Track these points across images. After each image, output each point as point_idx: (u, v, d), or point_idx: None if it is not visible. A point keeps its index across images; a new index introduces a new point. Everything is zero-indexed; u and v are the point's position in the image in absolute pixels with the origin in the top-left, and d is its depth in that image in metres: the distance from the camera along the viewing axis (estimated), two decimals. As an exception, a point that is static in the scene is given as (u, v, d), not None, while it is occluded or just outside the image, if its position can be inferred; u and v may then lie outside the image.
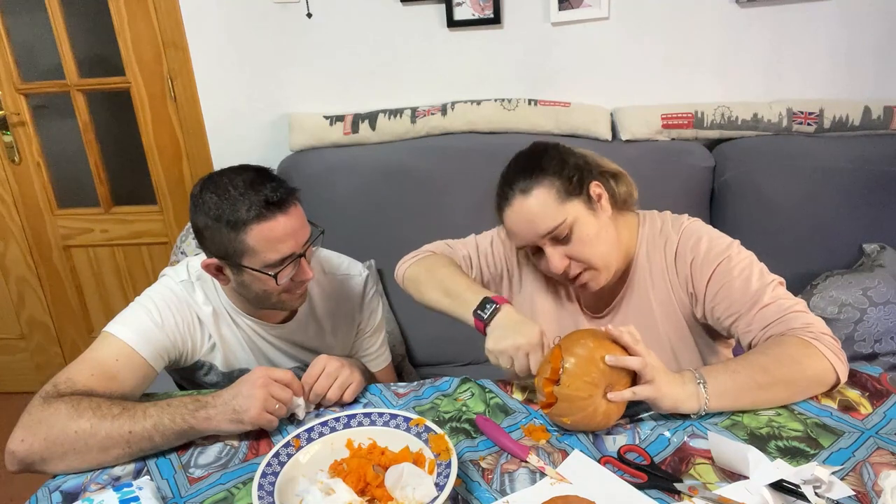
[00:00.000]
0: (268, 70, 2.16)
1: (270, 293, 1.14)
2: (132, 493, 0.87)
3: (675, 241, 1.17)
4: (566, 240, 1.10)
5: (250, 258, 1.09)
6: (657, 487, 0.87)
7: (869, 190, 1.84)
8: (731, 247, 1.13)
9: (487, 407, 1.08)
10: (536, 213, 1.10)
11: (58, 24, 2.22)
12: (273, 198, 1.06)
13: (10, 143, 2.39)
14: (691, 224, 1.19)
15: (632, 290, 1.21)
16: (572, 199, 1.10)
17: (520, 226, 1.12)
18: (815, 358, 0.99)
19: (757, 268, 1.11)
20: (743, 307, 1.08)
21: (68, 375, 1.06)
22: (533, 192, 1.10)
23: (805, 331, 1.02)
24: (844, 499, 0.82)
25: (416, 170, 2.00)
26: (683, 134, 2.00)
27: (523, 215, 1.11)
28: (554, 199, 1.09)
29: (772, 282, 1.09)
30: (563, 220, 1.09)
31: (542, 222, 1.09)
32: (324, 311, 1.32)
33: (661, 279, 1.18)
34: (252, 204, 1.05)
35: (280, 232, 1.07)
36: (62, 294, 2.61)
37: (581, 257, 1.11)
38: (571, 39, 2.04)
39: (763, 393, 0.99)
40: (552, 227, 1.09)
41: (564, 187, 1.10)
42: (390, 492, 0.86)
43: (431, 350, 1.97)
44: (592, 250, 1.11)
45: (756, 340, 1.07)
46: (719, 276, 1.11)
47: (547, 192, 1.09)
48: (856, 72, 1.99)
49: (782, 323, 1.04)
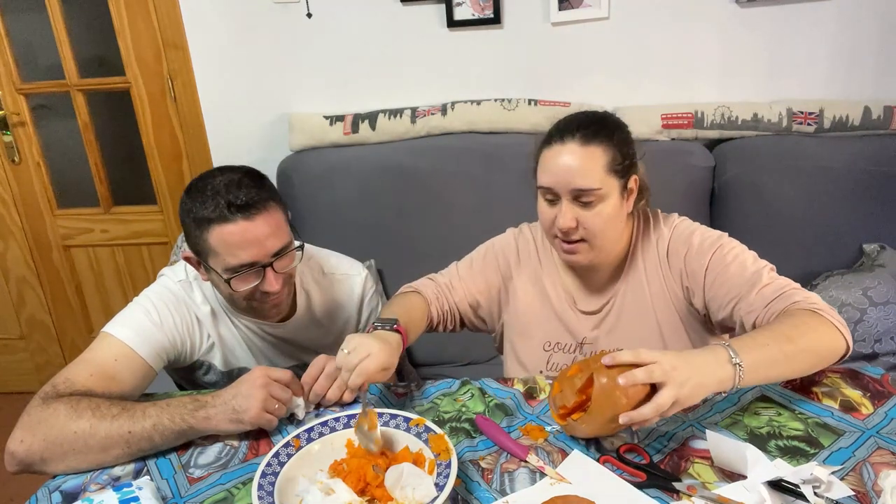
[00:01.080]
0: (268, 70, 2.16)
1: (235, 298, 1.13)
2: (132, 493, 0.87)
3: (668, 238, 1.19)
4: (587, 205, 1.10)
5: (213, 259, 1.08)
6: (656, 487, 0.87)
7: (869, 190, 1.84)
8: (722, 237, 1.16)
9: (487, 408, 1.08)
10: (583, 166, 1.09)
11: (58, 24, 2.22)
12: (237, 201, 1.04)
13: (10, 143, 2.39)
14: (681, 221, 1.22)
15: (626, 287, 1.22)
16: (615, 177, 1.11)
17: (559, 168, 1.10)
18: (827, 326, 0.99)
19: (749, 254, 1.14)
20: (742, 290, 1.09)
21: (67, 376, 1.06)
22: (592, 145, 1.09)
23: (808, 303, 1.02)
24: (844, 499, 0.82)
25: (416, 170, 2.00)
26: (683, 134, 2.00)
27: (570, 161, 1.09)
28: (604, 164, 1.09)
29: (765, 266, 1.11)
30: (600, 187, 1.09)
31: (583, 178, 1.09)
32: (323, 311, 1.32)
33: (654, 275, 1.20)
34: (217, 205, 1.04)
35: (238, 237, 1.05)
36: (62, 294, 2.61)
37: (591, 228, 1.11)
38: (571, 39, 2.04)
39: (790, 364, 0.96)
40: (587, 187, 1.09)
41: (617, 162, 1.10)
42: (390, 492, 0.86)
43: (431, 350, 1.97)
44: (603, 227, 1.12)
45: (760, 319, 1.06)
46: (715, 264, 1.13)
47: (603, 154, 1.09)
48: (856, 72, 1.99)
49: (783, 299, 1.04)
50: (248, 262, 1.07)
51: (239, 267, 1.07)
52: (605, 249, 1.16)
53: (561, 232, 1.12)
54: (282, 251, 1.10)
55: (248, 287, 1.10)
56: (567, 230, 1.11)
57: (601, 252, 1.16)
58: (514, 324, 1.30)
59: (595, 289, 1.24)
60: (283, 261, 1.11)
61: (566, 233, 1.12)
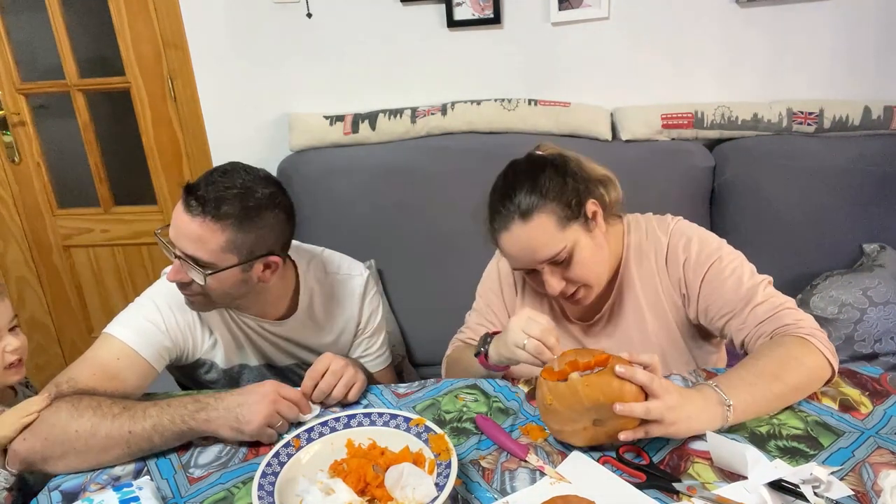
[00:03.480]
0: (268, 70, 2.16)
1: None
2: (132, 493, 0.87)
3: (665, 244, 1.17)
4: (564, 263, 1.10)
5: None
6: (656, 487, 0.87)
7: (869, 190, 1.84)
8: (722, 247, 1.15)
9: (489, 410, 1.08)
10: (537, 240, 1.08)
11: (58, 24, 2.22)
12: (190, 186, 1.06)
13: (10, 143, 2.38)
14: (678, 224, 1.19)
15: (620, 297, 1.21)
16: (571, 224, 1.09)
17: (518, 251, 1.11)
18: (813, 355, 1.00)
19: (747, 267, 1.13)
20: (736, 306, 1.09)
21: (70, 375, 1.06)
22: (533, 218, 1.07)
23: (797, 327, 1.02)
24: (844, 499, 0.82)
25: (416, 170, 2.00)
26: (683, 134, 1.99)
27: (523, 242, 1.09)
28: (554, 226, 1.08)
29: (762, 281, 1.11)
30: (563, 246, 1.08)
31: (542, 250, 1.08)
32: (323, 311, 1.32)
33: (650, 283, 1.19)
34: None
35: (174, 215, 1.08)
36: (62, 294, 2.61)
37: (578, 279, 1.12)
38: (571, 39, 2.04)
39: (778, 401, 0.99)
40: (552, 255, 1.08)
41: (564, 213, 1.08)
42: (390, 492, 0.86)
43: (431, 350, 1.96)
44: (589, 271, 1.12)
45: (749, 338, 1.07)
46: (712, 276, 1.12)
47: (548, 220, 1.07)
48: (856, 72, 1.99)
49: (774, 320, 1.05)
50: (169, 242, 1.10)
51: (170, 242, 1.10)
52: (602, 279, 1.16)
53: (555, 296, 1.13)
54: (176, 251, 1.09)
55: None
56: (560, 293, 1.12)
57: (601, 283, 1.16)
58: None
59: (588, 304, 1.22)
60: (173, 266, 1.11)
61: (561, 293, 1.13)
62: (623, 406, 0.87)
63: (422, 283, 1.97)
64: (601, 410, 0.90)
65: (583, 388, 0.89)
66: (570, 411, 0.91)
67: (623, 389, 0.89)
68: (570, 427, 0.93)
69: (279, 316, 1.27)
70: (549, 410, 0.94)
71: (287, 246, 1.19)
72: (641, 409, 0.88)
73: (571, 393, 0.90)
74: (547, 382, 0.94)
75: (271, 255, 1.13)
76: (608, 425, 0.91)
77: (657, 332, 1.19)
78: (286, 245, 1.18)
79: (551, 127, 2.02)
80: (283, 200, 1.14)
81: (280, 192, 1.14)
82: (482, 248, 1.23)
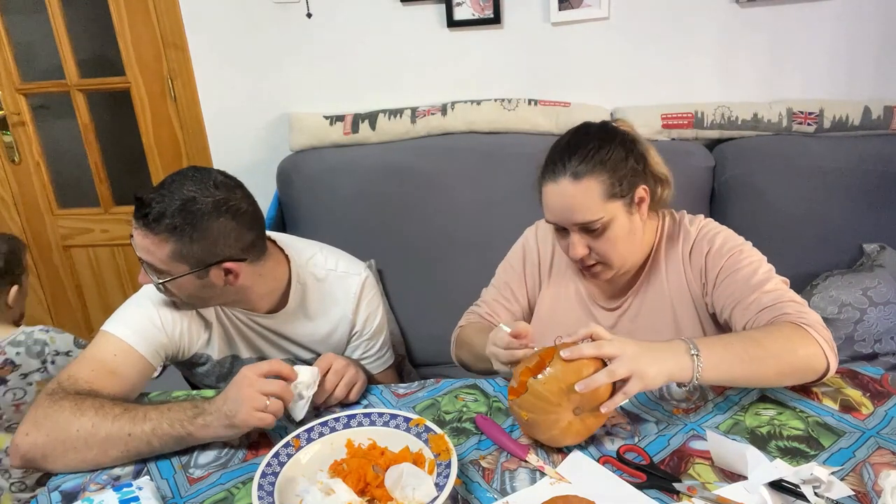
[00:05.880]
0: (268, 70, 2.16)
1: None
2: (132, 493, 0.87)
3: (693, 236, 1.20)
4: (596, 233, 1.11)
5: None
6: (656, 487, 0.87)
7: (869, 190, 1.84)
8: (745, 244, 1.17)
9: (489, 410, 1.08)
10: (578, 202, 1.09)
11: (58, 24, 2.22)
12: (138, 198, 1.07)
13: (10, 143, 2.38)
14: (709, 222, 1.23)
15: (647, 284, 1.23)
16: (616, 200, 1.11)
17: (557, 206, 1.12)
18: (806, 341, 0.99)
19: (766, 266, 1.13)
20: (743, 294, 1.09)
21: (70, 373, 1.07)
22: (583, 180, 1.09)
23: (798, 317, 1.02)
24: (844, 499, 0.82)
25: (416, 170, 2.00)
26: (683, 134, 1.99)
27: (565, 199, 1.10)
28: (600, 194, 1.09)
29: (776, 278, 1.11)
30: (600, 216, 1.10)
31: (580, 213, 1.10)
32: (317, 307, 1.31)
33: (676, 273, 1.21)
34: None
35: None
36: (62, 294, 2.61)
37: (602, 254, 1.14)
38: (571, 39, 2.04)
39: (755, 365, 0.96)
40: (588, 220, 1.10)
41: (614, 187, 1.10)
42: (390, 492, 0.86)
43: (431, 350, 1.96)
44: (616, 250, 1.13)
45: (750, 323, 1.07)
46: (729, 264, 1.13)
47: (596, 186, 1.09)
48: (856, 72, 1.99)
49: (776, 309, 1.05)
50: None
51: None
52: (625, 262, 1.17)
53: (575, 260, 1.16)
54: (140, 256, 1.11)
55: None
56: (580, 259, 1.14)
57: (622, 266, 1.18)
58: (535, 326, 1.30)
59: (615, 289, 1.26)
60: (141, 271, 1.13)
61: (581, 260, 1.15)
62: (583, 383, 0.89)
63: (422, 283, 1.97)
64: (573, 399, 0.91)
65: (543, 388, 0.91)
66: (546, 415, 0.92)
67: (580, 368, 0.90)
68: (557, 429, 0.93)
69: (269, 309, 1.26)
70: (530, 424, 0.95)
71: (252, 248, 1.14)
72: (603, 375, 0.90)
73: (537, 398, 0.92)
74: (514, 401, 0.95)
75: (228, 262, 1.11)
76: (588, 409, 0.92)
77: (681, 320, 1.20)
78: (249, 248, 1.14)
79: (551, 127, 2.02)
80: (236, 205, 1.10)
81: (232, 196, 1.10)
82: (482, 248, 1.23)
